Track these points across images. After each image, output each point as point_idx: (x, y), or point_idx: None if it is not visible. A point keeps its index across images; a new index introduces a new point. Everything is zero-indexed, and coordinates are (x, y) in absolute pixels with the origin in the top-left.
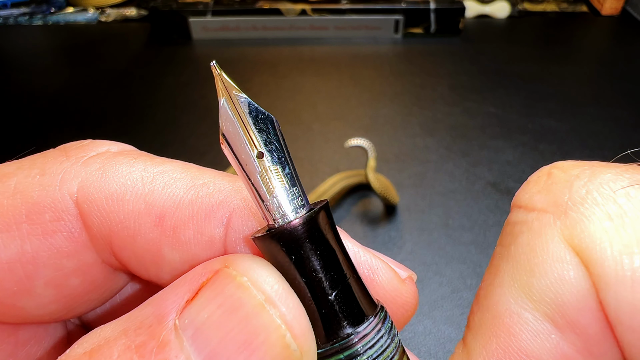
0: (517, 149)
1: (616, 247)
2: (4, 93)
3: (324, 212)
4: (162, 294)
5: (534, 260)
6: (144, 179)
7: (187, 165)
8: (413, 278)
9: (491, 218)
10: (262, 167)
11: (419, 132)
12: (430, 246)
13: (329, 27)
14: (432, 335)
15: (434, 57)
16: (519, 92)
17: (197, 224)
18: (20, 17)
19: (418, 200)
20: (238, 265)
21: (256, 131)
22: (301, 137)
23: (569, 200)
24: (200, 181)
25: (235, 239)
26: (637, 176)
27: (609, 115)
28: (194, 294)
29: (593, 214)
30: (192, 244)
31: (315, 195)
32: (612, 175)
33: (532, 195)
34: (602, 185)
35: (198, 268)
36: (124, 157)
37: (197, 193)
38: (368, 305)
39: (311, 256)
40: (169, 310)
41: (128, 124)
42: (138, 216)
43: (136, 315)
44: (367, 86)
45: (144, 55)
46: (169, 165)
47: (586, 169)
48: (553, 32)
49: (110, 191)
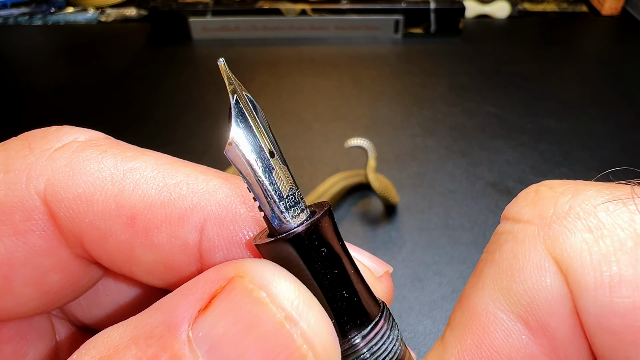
0: (517, 149)
1: (595, 256)
2: (4, 93)
3: (331, 214)
4: (171, 300)
5: (516, 266)
6: (114, 178)
7: (159, 159)
8: (389, 272)
9: (491, 218)
10: (276, 165)
11: (419, 132)
12: (430, 246)
13: (329, 27)
14: (432, 335)
15: (433, 57)
16: (519, 92)
17: (170, 228)
18: (20, 17)
19: (418, 200)
20: (254, 276)
21: (267, 130)
22: (301, 137)
23: (554, 214)
24: (172, 181)
25: (210, 247)
26: (617, 193)
27: (609, 115)
28: (206, 302)
29: (575, 227)
30: (165, 247)
31: (316, 195)
32: (594, 192)
33: (520, 208)
34: (584, 201)
35: (209, 274)
36: (92, 150)
37: (170, 195)
38: (373, 306)
39: (326, 257)
40: (181, 320)
41: (128, 124)
42: (109, 217)
43: (145, 322)
44: (367, 86)
45: (144, 55)
46: (140, 161)
47: (571, 186)
48: (553, 32)
49: (78, 191)
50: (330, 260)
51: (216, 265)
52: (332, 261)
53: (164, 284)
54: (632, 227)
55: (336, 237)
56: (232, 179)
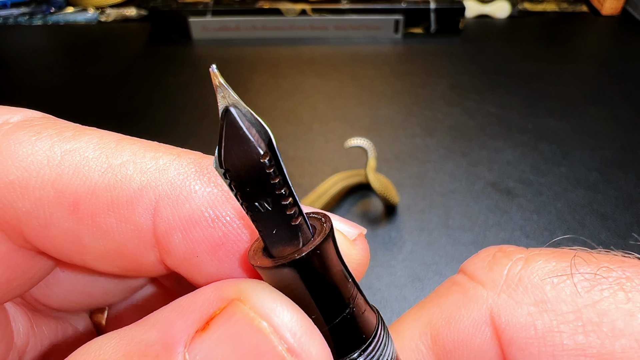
0: (517, 149)
1: (539, 327)
2: (4, 93)
3: (333, 230)
4: (167, 316)
5: (454, 316)
6: (51, 161)
7: (103, 137)
8: (363, 235)
9: (491, 218)
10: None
11: (419, 132)
12: (430, 246)
13: (329, 27)
14: None
15: (434, 57)
16: (519, 92)
17: (118, 212)
18: (20, 17)
19: (418, 200)
20: (256, 302)
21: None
22: (301, 137)
23: (505, 284)
24: (117, 161)
25: (166, 229)
26: (562, 264)
27: (609, 115)
28: (204, 323)
29: (522, 299)
30: (115, 233)
31: (316, 195)
32: (542, 263)
33: (476, 268)
34: (532, 272)
35: (208, 292)
36: (25, 132)
37: (115, 176)
38: (371, 318)
39: (327, 280)
40: (177, 340)
41: (128, 123)
42: (48, 205)
43: (140, 339)
44: (367, 86)
45: (144, 55)
46: (80, 141)
47: (522, 257)
48: (553, 32)
49: (10, 178)
50: (337, 276)
51: (176, 253)
52: (338, 277)
53: (121, 271)
54: (573, 302)
55: (338, 256)
56: (184, 154)
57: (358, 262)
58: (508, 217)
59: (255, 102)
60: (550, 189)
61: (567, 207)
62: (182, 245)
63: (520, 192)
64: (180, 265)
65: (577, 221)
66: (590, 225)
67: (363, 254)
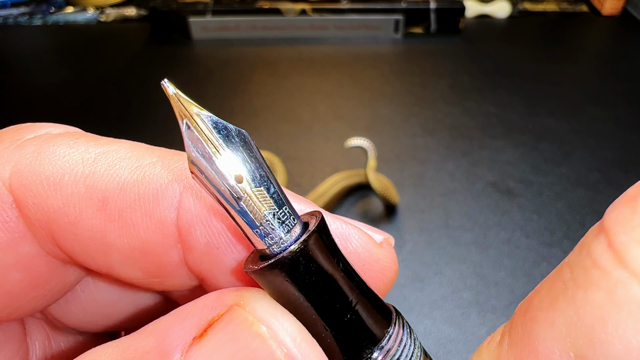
0: (517, 149)
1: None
2: (4, 93)
3: (324, 226)
4: (165, 324)
5: (600, 333)
6: (85, 160)
7: (136, 144)
8: (390, 242)
9: (491, 218)
10: (245, 192)
11: (419, 132)
12: (430, 246)
13: (329, 27)
14: (432, 335)
15: (434, 57)
16: (519, 92)
17: (144, 207)
18: (20, 17)
19: (418, 200)
20: (255, 307)
21: (230, 152)
22: (301, 137)
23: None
24: (147, 160)
25: (188, 220)
26: None
27: (609, 115)
28: (202, 330)
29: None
30: (140, 228)
31: (316, 195)
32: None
33: (633, 243)
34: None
35: (208, 299)
36: (65, 137)
37: (144, 173)
38: (384, 315)
39: (321, 279)
40: (174, 347)
41: (128, 123)
42: (78, 201)
43: (136, 347)
44: (367, 86)
45: (144, 55)
46: (115, 145)
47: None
48: (553, 32)
49: (46, 174)
50: (331, 275)
51: (197, 247)
52: (333, 276)
53: (144, 276)
54: None
55: (335, 246)
56: None
57: (383, 265)
58: (508, 217)
59: (255, 102)
60: (551, 189)
61: (568, 207)
62: (203, 237)
63: (521, 192)
64: (200, 261)
65: (578, 221)
66: (590, 225)
67: (389, 258)
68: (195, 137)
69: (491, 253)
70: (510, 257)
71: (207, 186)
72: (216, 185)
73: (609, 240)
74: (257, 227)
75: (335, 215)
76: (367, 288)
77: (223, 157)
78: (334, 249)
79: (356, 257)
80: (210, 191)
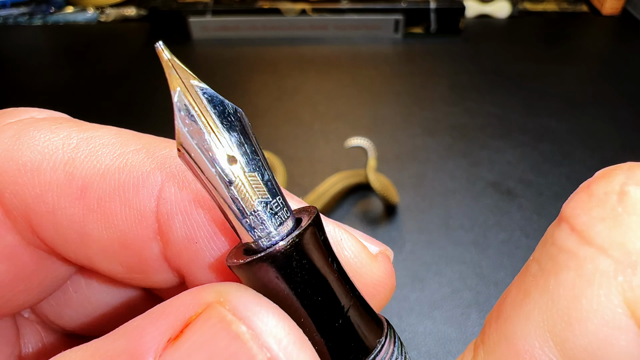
0: (517, 149)
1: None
2: (4, 93)
3: (318, 222)
4: (138, 324)
5: (576, 312)
6: (65, 146)
7: (122, 131)
8: (388, 255)
9: (491, 218)
10: (237, 176)
11: (419, 132)
12: (430, 246)
13: (329, 27)
14: (432, 335)
15: (434, 57)
16: (519, 92)
17: (123, 196)
18: (20, 17)
19: (418, 200)
20: (237, 304)
21: (225, 131)
22: (301, 137)
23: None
24: (131, 147)
25: (167, 211)
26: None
27: (610, 115)
28: (178, 331)
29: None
30: (119, 218)
31: (316, 195)
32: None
33: (593, 221)
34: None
35: (186, 296)
36: (47, 122)
37: (126, 160)
38: (375, 326)
39: (314, 279)
40: (147, 350)
41: (128, 123)
42: (57, 188)
43: (107, 349)
44: (367, 86)
45: (144, 55)
46: (99, 131)
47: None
48: (553, 32)
49: (23, 160)
50: (324, 275)
51: (176, 240)
52: (326, 277)
53: (124, 271)
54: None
55: (328, 245)
56: None
57: (376, 280)
58: (508, 217)
59: (255, 102)
60: (551, 189)
61: None
62: (182, 229)
63: (521, 192)
64: (179, 256)
65: None
66: None
67: (383, 272)
68: (187, 110)
69: (491, 253)
70: (510, 257)
71: (194, 166)
72: (205, 166)
73: (570, 225)
74: (247, 217)
75: (328, 219)
76: (359, 295)
77: (216, 135)
78: (329, 248)
79: (347, 266)
80: (197, 173)
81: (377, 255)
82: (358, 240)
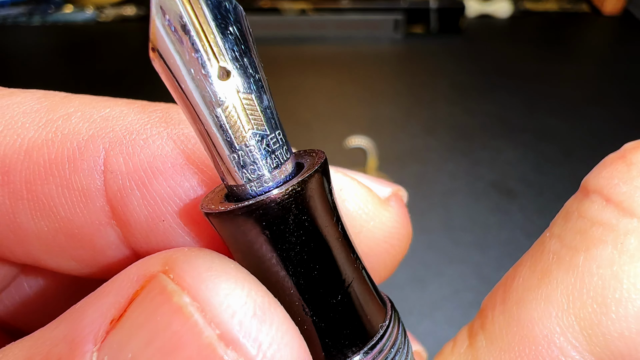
0: (518, 149)
1: None
2: None
3: (325, 170)
4: (80, 306)
5: (613, 292)
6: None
7: (49, 93)
8: (400, 195)
9: (492, 218)
10: (228, 95)
11: (419, 132)
12: (430, 247)
13: (329, 26)
14: (433, 335)
15: (434, 57)
16: (520, 92)
17: (58, 174)
18: (19, 16)
19: (419, 200)
20: (183, 270)
21: (218, 32)
22: (301, 137)
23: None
24: (61, 112)
25: (119, 186)
26: None
27: (610, 114)
28: (121, 311)
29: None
30: (57, 203)
31: None
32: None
33: (635, 189)
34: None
35: (131, 270)
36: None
37: (55, 130)
38: (378, 307)
39: (312, 241)
40: (86, 335)
41: None
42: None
43: (44, 339)
44: (368, 85)
45: (143, 55)
46: (18, 96)
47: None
48: (554, 32)
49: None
50: (323, 238)
51: (136, 221)
52: (325, 240)
53: (80, 267)
54: None
55: (332, 201)
56: (149, 104)
57: (390, 230)
58: (509, 217)
59: None
60: (551, 189)
61: None
62: (143, 208)
63: (522, 192)
64: (145, 241)
65: None
66: None
67: (399, 220)
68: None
69: (492, 253)
70: (511, 257)
71: (170, 77)
72: (185, 77)
73: (605, 196)
74: (235, 152)
75: None
76: (364, 267)
77: (205, 36)
78: (334, 205)
79: (351, 220)
80: (174, 86)
81: (388, 199)
82: (363, 186)
